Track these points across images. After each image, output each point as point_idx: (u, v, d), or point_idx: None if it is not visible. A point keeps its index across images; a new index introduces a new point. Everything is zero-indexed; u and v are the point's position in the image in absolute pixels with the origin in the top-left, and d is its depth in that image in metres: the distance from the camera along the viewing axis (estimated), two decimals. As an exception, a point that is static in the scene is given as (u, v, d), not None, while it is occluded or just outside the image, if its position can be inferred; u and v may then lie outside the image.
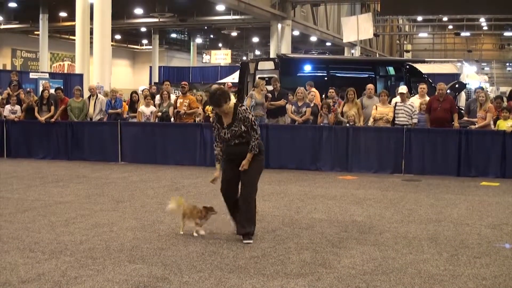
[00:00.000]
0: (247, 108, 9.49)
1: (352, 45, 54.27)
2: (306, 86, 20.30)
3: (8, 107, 21.20)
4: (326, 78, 24.85)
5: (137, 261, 8.06)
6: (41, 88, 23.88)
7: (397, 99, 18.22)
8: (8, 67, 55.45)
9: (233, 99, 9.60)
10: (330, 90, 19.88)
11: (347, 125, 18.02)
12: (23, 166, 18.84)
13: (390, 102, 18.51)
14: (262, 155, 9.89)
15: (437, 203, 12.80)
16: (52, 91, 21.91)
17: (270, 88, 20.00)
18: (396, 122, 17.81)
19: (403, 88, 18.22)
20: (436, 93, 18.04)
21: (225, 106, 9.25)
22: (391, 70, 25.90)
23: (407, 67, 25.19)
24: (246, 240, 9.12)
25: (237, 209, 9.64)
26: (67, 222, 10.51)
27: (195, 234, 9.48)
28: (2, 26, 54.58)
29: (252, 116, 9.44)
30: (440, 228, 10.33)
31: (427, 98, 18.43)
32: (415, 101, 18.49)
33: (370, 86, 19.21)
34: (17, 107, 21.23)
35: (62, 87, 23.41)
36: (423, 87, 18.95)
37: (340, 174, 17.20)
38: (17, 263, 7.92)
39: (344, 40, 45.87)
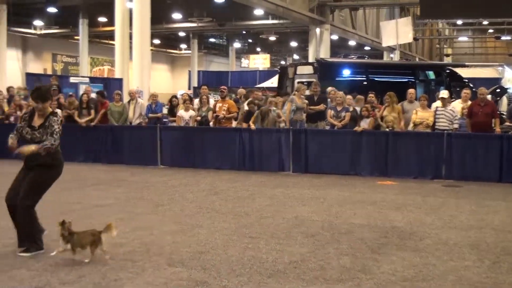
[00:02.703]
0: (59, 119, 9.16)
1: (391, 49, 53.92)
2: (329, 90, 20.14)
3: (48, 111, 21.33)
4: (365, 83, 24.73)
5: (176, 264, 8.06)
6: (81, 92, 24.01)
7: (438, 103, 18.05)
8: (49, 72, 55.84)
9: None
10: (370, 95, 19.72)
11: (387, 129, 17.91)
12: (63, 169, 18.92)
13: (430, 107, 18.34)
14: (53, 170, 9.39)
15: (478, 210, 12.66)
16: (93, 95, 22.03)
17: (308, 92, 19.95)
18: (437, 127, 17.65)
19: (444, 93, 18.07)
20: (477, 98, 17.83)
21: (46, 105, 9.02)
22: (431, 75, 25.72)
23: (448, 71, 25.02)
24: (22, 253, 8.58)
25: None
26: (107, 225, 10.56)
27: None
28: (43, 31, 55.03)
29: (59, 127, 9.17)
30: (481, 234, 10.22)
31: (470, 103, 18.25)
32: (457, 105, 18.31)
33: (411, 90, 19.06)
34: (58, 111, 21.28)
35: (102, 91, 23.49)
36: (467, 92, 18.72)
37: (379, 179, 17.07)
38: (58, 265, 7.99)
39: (383, 44, 45.60)
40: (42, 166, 9.04)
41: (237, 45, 70.69)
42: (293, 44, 66.68)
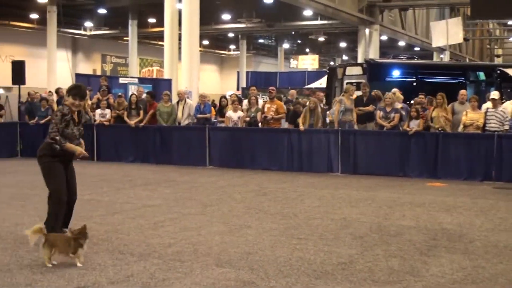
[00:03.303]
0: None
1: (441, 50, 53.55)
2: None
3: (98, 111, 21.56)
4: (414, 84, 24.57)
5: (224, 265, 8.08)
6: (130, 93, 24.19)
7: (488, 104, 17.85)
8: (98, 72, 56.39)
9: None
10: (420, 96, 19.55)
11: (437, 131, 17.76)
12: (113, 169, 19.15)
13: (480, 108, 18.14)
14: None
15: (529, 212, 12.51)
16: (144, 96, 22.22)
17: (359, 93, 19.87)
18: (487, 128, 17.45)
19: (495, 94, 17.85)
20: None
21: (83, 102, 9.47)
22: (482, 75, 25.48)
23: (498, 72, 24.76)
24: None
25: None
26: (155, 225, 10.62)
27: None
28: (93, 32, 55.59)
29: None
30: (532, 237, 10.10)
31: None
32: (508, 106, 18.07)
33: (463, 91, 18.81)
34: (107, 111, 21.56)
35: (152, 92, 23.66)
36: None
37: (428, 181, 16.94)
38: (106, 264, 8.04)
39: (433, 45, 45.27)
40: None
41: (285, 45, 70.76)
42: (342, 44, 66.51)
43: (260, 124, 20.12)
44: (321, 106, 20.42)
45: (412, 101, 19.93)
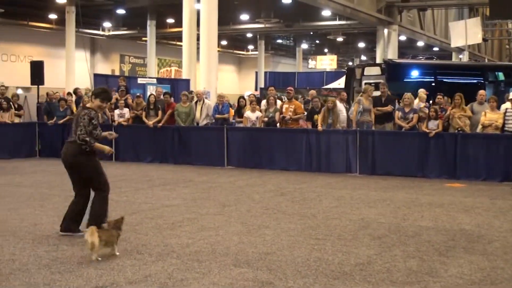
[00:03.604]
0: None
1: (460, 50, 53.36)
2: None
3: (116, 111, 21.62)
4: (433, 84, 24.50)
5: (242, 265, 8.09)
6: (148, 93, 24.26)
7: (507, 105, 17.77)
8: (117, 73, 56.56)
9: None
10: (438, 96, 19.47)
11: (455, 131, 17.69)
12: (131, 169, 19.21)
13: (499, 108, 18.06)
14: None
15: (548, 212, 12.44)
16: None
17: (377, 93, 19.83)
18: (506, 128, 17.37)
19: (513, 94, 17.79)
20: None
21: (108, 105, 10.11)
22: (501, 76, 25.37)
23: (517, 72, 24.65)
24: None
25: None
26: (173, 225, 10.65)
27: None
28: (111, 33, 55.76)
29: None
30: (552, 238, 10.04)
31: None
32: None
33: (482, 92, 18.70)
34: (125, 110, 21.62)
35: (170, 92, 23.72)
36: None
37: (447, 182, 16.88)
38: (124, 264, 8.07)
39: (452, 45, 45.12)
40: None
41: (304, 46, 70.71)
42: (361, 45, 66.41)
43: (278, 124, 20.10)
44: (345, 106, 20.36)
45: (435, 101, 19.84)
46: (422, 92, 20.13)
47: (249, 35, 62.71)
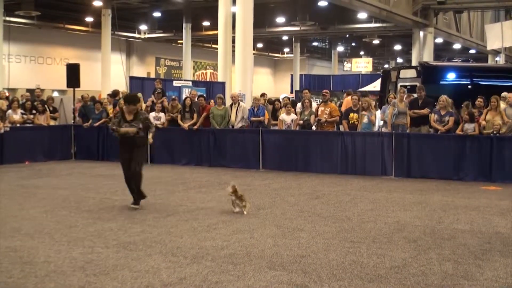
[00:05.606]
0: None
1: (496, 52, 52.92)
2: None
3: (152, 114, 21.66)
4: (469, 87, 24.31)
5: (277, 268, 8.07)
6: (184, 96, 24.32)
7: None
8: (152, 75, 56.94)
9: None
10: (479, 99, 19.20)
11: (491, 134, 17.53)
12: (166, 172, 19.25)
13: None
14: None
15: None
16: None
17: (414, 95, 19.70)
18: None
19: (550, 97, 17.60)
20: None
21: (134, 106, 12.76)
22: (538, 78, 25.07)
23: (554, 74, 24.37)
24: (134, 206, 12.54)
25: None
26: (208, 227, 10.65)
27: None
28: (147, 35, 56.10)
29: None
30: None
31: None
32: None
33: (511, 94, 18.57)
34: (161, 114, 21.68)
35: (204, 95, 23.77)
36: None
37: (483, 184, 16.73)
38: (159, 267, 8.08)
39: (488, 48, 44.72)
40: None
41: (339, 48, 70.74)
42: (396, 47, 66.24)
43: (313, 127, 20.05)
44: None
45: (462, 105, 19.63)
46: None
47: (284, 37, 62.80)
